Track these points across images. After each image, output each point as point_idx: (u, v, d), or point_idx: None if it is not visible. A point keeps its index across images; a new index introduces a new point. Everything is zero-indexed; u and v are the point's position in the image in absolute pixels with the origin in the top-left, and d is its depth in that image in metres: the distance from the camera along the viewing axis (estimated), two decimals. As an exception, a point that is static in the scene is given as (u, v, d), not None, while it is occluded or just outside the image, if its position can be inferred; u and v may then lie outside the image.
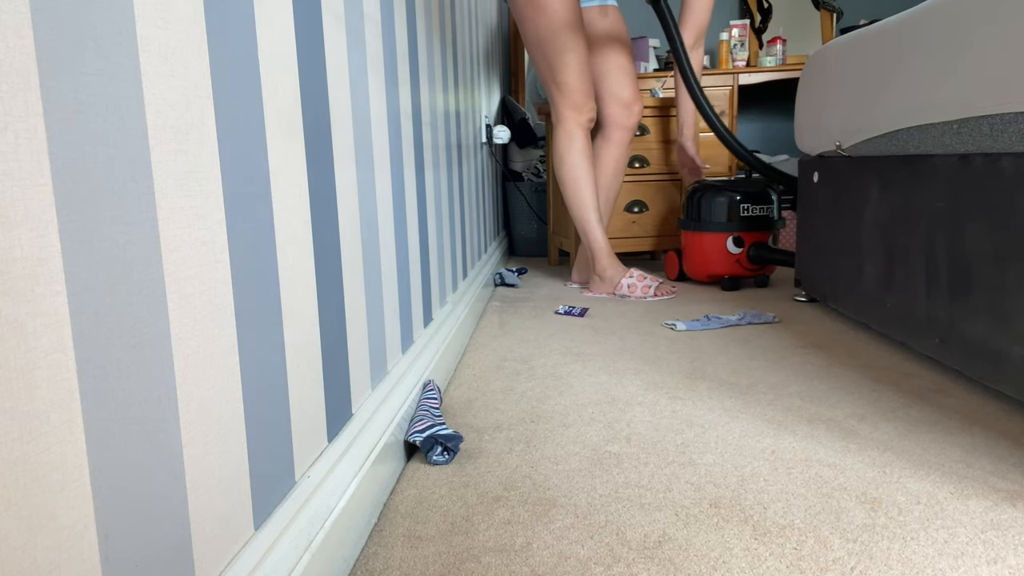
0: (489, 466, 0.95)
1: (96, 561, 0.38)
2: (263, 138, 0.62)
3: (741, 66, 3.23)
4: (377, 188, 1.03)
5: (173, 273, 0.46)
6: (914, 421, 1.07)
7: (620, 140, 2.17)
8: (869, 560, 0.70)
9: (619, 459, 0.96)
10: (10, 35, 0.33)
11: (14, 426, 0.33)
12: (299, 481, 0.70)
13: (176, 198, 0.47)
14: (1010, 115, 0.99)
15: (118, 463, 0.40)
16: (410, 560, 0.72)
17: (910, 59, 1.26)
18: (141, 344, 0.43)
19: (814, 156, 1.82)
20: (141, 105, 0.43)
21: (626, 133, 2.18)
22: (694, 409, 1.15)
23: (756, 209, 2.23)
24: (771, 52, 3.20)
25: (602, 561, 0.71)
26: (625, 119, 2.16)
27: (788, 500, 0.83)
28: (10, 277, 0.33)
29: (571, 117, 1.97)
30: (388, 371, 1.10)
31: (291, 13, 0.70)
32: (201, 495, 0.50)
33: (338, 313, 0.84)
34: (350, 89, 0.89)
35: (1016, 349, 1.03)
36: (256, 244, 0.60)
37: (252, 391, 0.59)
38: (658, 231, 2.66)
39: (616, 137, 2.17)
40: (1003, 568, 0.69)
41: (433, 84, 1.52)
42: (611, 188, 2.23)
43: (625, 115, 2.16)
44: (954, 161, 1.19)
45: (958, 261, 1.18)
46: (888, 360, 1.40)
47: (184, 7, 0.49)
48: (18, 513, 0.33)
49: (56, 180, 0.36)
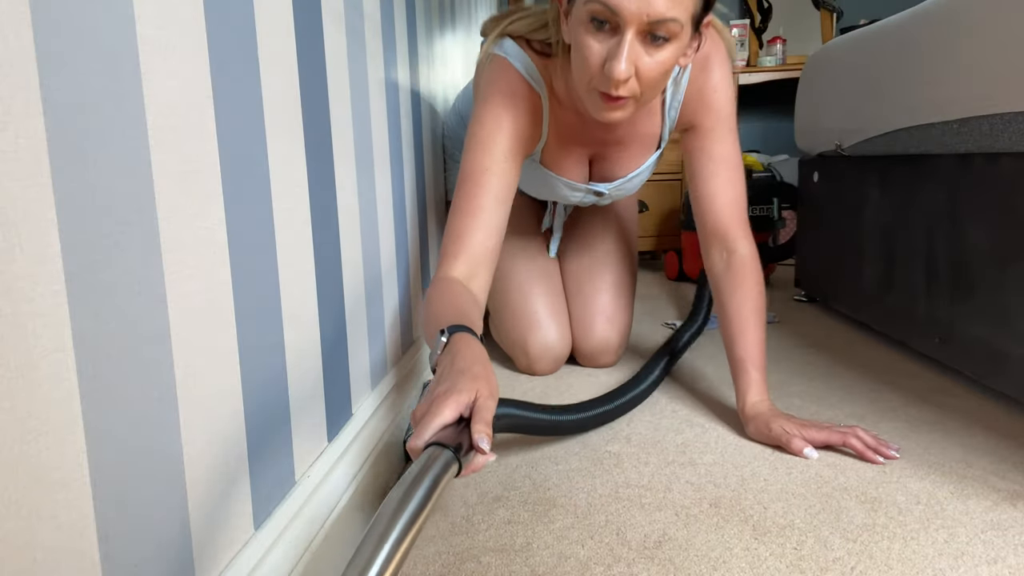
0: (489, 466, 0.94)
1: (96, 561, 0.38)
2: (263, 138, 0.62)
3: (741, 66, 3.23)
4: (377, 188, 1.02)
5: (173, 273, 0.46)
6: (914, 421, 1.07)
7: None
8: (869, 560, 0.70)
9: (619, 459, 0.96)
10: (10, 35, 0.33)
11: (14, 426, 0.33)
12: (299, 481, 0.70)
13: (176, 198, 0.47)
14: (1010, 115, 0.99)
15: (118, 463, 0.40)
16: (410, 560, 0.72)
17: (910, 59, 1.26)
18: (141, 344, 0.43)
19: (814, 156, 1.82)
20: (141, 105, 0.43)
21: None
22: (694, 409, 1.15)
23: (756, 209, 2.23)
24: (771, 52, 3.20)
25: (602, 561, 0.71)
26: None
27: (788, 500, 0.83)
28: (10, 277, 0.33)
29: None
30: (388, 371, 1.10)
31: (291, 13, 0.70)
32: (201, 495, 0.50)
33: (338, 313, 0.84)
34: (350, 89, 0.89)
35: (1016, 349, 1.03)
36: (256, 244, 0.60)
37: (252, 391, 0.59)
38: (658, 231, 2.66)
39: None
40: (1003, 568, 0.69)
41: (433, 83, 1.52)
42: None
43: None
44: (954, 161, 1.19)
45: (958, 261, 1.18)
46: (888, 360, 1.40)
47: (184, 7, 0.49)
48: (18, 513, 0.33)
49: (56, 180, 0.36)
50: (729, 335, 1.08)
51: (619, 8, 0.85)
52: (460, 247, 0.98)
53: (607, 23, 0.88)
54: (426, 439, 0.60)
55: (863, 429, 0.95)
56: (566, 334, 1.37)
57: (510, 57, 1.07)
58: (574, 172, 1.23)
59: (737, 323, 1.07)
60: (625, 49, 0.87)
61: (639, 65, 0.90)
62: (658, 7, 0.84)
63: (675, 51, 0.90)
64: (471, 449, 0.62)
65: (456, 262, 0.98)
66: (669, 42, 0.89)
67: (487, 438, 0.62)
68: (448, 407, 0.63)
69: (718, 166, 1.12)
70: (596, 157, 1.24)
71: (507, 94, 1.05)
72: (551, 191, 1.28)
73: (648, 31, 0.87)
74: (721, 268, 1.12)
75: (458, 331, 0.77)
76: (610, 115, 0.96)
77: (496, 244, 1.02)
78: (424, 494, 0.51)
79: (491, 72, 1.08)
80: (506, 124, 1.04)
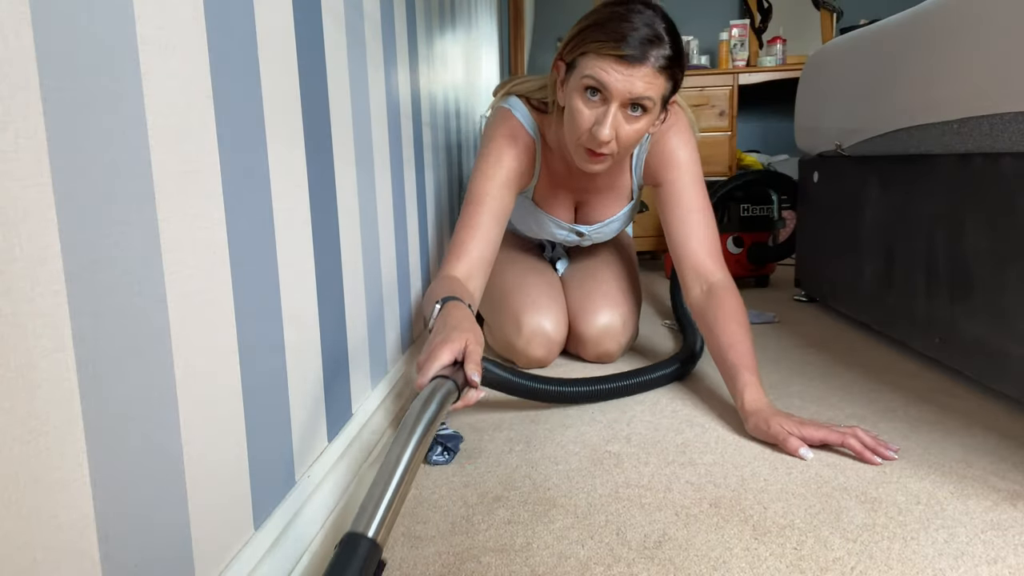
0: (489, 466, 0.94)
1: (96, 561, 0.38)
2: (263, 138, 0.62)
3: (741, 66, 3.23)
4: (377, 188, 1.02)
5: (173, 273, 0.46)
6: (914, 421, 1.07)
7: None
8: (869, 560, 0.70)
9: (619, 459, 0.96)
10: (10, 35, 0.33)
11: (14, 426, 0.33)
12: (299, 481, 0.70)
13: (176, 198, 0.47)
14: (1010, 115, 0.99)
15: (118, 463, 0.40)
16: (410, 560, 0.72)
17: (910, 59, 1.26)
18: (141, 344, 0.43)
19: (814, 156, 1.82)
20: (141, 105, 0.43)
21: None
22: (694, 409, 1.15)
23: (756, 209, 2.23)
24: (771, 52, 3.20)
25: (602, 561, 0.71)
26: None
27: (788, 500, 0.83)
28: (10, 277, 0.33)
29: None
30: (388, 370, 1.10)
31: (291, 13, 0.70)
32: (201, 495, 0.50)
33: (338, 313, 0.84)
34: (350, 89, 0.89)
35: (1016, 349, 1.03)
36: (256, 244, 0.60)
37: (252, 391, 0.59)
38: (658, 231, 2.66)
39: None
40: (1003, 568, 0.69)
41: (433, 83, 1.52)
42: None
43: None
44: (954, 161, 1.19)
45: (958, 261, 1.18)
46: (888, 360, 1.40)
47: (184, 7, 0.49)
48: (18, 513, 0.33)
49: (56, 180, 0.36)
50: (720, 348, 1.13)
51: (609, 85, 1.06)
52: (461, 254, 1.16)
53: (598, 93, 1.09)
54: (429, 376, 0.77)
55: (863, 429, 0.96)
56: (562, 320, 1.41)
57: (513, 109, 1.29)
58: (561, 213, 1.43)
59: (726, 336, 1.13)
60: (610, 118, 1.08)
61: (619, 131, 1.11)
62: (638, 87, 1.06)
63: (648, 121, 1.12)
64: (466, 384, 0.81)
65: (457, 264, 1.15)
66: (645, 114, 1.11)
67: (478, 373, 0.82)
68: (444, 352, 0.81)
69: (687, 212, 1.27)
70: (580, 204, 1.43)
71: (508, 136, 1.26)
72: (540, 227, 1.46)
73: (629, 104, 1.09)
74: (702, 298, 1.22)
75: (450, 300, 0.96)
76: (592, 167, 1.18)
77: (491, 255, 1.20)
78: (435, 409, 0.69)
79: (496, 119, 1.30)
80: (505, 160, 1.24)
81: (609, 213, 1.43)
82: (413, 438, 0.63)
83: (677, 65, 1.10)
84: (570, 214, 1.44)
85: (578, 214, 1.45)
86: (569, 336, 1.44)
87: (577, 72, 1.11)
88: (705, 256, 1.24)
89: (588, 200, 1.42)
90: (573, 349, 1.46)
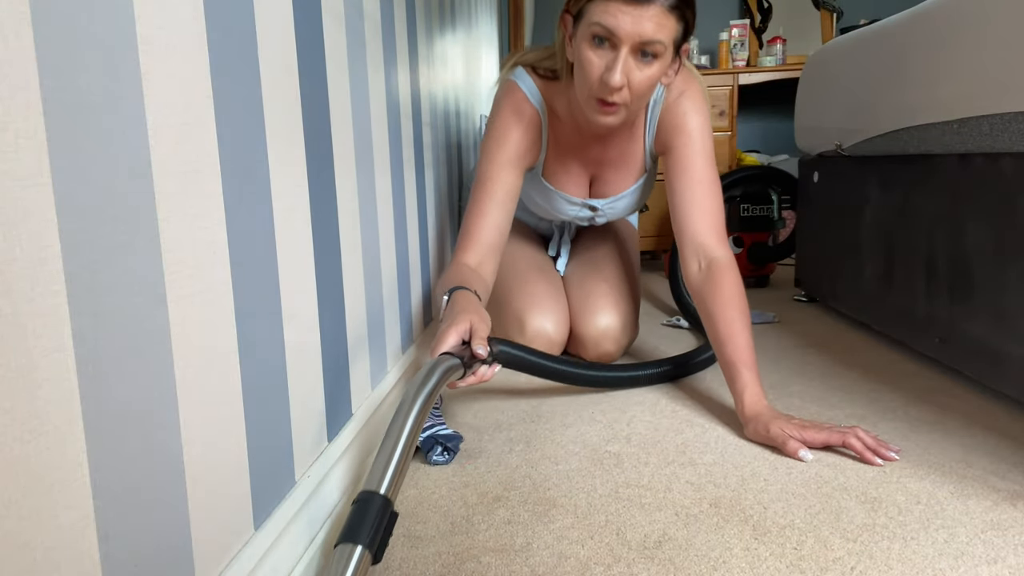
0: (489, 466, 0.95)
1: (96, 561, 0.38)
2: (263, 138, 0.62)
3: (741, 66, 3.23)
4: (377, 188, 1.02)
5: (173, 273, 0.46)
6: (914, 421, 1.07)
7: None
8: (869, 560, 0.70)
9: (619, 459, 0.96)
10: (10, 35, 0.33)
11: (14, 426, 0.33)
12: (299, 481, 0.70)
13: (176, 198, 0.47)
14: (1010, 115, 0.99)
15: (118, 463, 0.40)
16: (410, 560, 0.72)
17: (910, 59, 1.26)
18: (141, 344, 0.43)
19: (814, 156, 1.82)
20: (141, 105, 0.43)
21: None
22: (694, 409, 1.15)
23: (756, 209, 2.23)
24: (771, 52, 3.20)
25: (602, 561, 0.71)
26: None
27: (788, 500, 0.83)
28: (10, 277, 0.33)
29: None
30: (389, 370, 1.10)
31: (291, 13, 0.70)
32: (201, 495, 0.50)
33: (338, 313, 0.84)
34: (350, 89, 0.89)
35: (1016, 349, 1.03)
36: (256, 244, 0.60)
37: (252, 391, 0.59)
38: (658, 231, 2.66)
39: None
40: (1003, 568, 0.69)
41: (433, 83, 1.52)
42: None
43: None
44: (954, 161, 1.19)
45: (958, 261, 1.18)
46: (888, 360, 1.40)
47: (184, 7, 0.49)
48: (18, 513, 0.33)
49: (56, 180, 0.36)
50: (718, 339, 1.11)
51: (617, 29, 1.03)
52: (471, 241, 1.19)
53: (606, 41, 1.06)
54: (437, 355, 0.82)
55: (863, 429, 0.96)
56: (563, 321, 1.41)
57: (519, 80, 1.28)
58: (572, 188, 1.41)
59: (723, 326, 1.10)
60: (620, 63, 1.05)
61: (631, 77, 1.08)
62: (648, 29, 1.03)
63: (660, 68, 1.09)
64: (473, 359, 0.87)
65: (468, 253, 1.18)
66: (656, 59, 1.07)
67: (484, 347, 0.88)
68: (451, 334, 0.87)
69: (693, 181, 1.23)
70: (593, 177, 1.41)
71: (512, 112, 1.26)
72: (551, 205, 1.43)
73: (639, 49, 1.06)
74: (700, 276, 1.18)
75: (457, 290, 1.01)
76: (604, 119, 1.14)
77: (500, 238, 1.22)
78: (436, 380, 0.75)
79: (501, 93, 1.30)
80: (512, 136, 1.24)
81: (623, 186, 1.40)
82: (416, 406, 0.69)
83: (687, 5, 1.07)
84: (582, 189, 1.42)
85: (591, 188, 1.42)
86: (569, 336, 1.44)
87: (584, 21, 1.08)
88: (707, 230, 1.20)
89: (601, 173, 1.39)
90: (573, 349, 1.46)
